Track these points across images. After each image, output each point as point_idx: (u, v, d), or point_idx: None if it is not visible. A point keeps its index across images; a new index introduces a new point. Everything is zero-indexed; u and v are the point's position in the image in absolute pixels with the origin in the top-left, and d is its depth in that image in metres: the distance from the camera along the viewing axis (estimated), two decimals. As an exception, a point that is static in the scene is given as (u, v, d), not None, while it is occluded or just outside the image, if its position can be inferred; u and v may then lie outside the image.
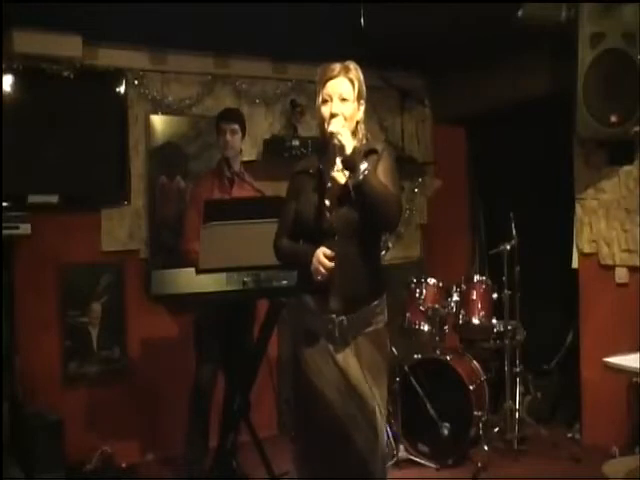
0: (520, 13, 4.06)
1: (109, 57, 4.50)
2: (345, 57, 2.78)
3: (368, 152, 2.74)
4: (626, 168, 4.45)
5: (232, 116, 4.19)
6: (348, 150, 2.60)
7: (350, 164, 2.62)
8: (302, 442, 2.82)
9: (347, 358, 2.68)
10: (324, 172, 2.74)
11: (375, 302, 2.73)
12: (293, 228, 2.80)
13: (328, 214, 2.68)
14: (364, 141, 2.77)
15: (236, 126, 4.11)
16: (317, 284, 2.64)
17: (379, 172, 2.69)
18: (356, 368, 2.67)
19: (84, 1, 3.80)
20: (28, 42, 4.08)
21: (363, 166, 2.59)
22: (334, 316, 2.67)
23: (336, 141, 2.61)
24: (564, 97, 4.27)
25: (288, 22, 4.29)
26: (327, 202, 2.68)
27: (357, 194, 2.61)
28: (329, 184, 2.71)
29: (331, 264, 2.59)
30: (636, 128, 4.10)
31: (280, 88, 5.15)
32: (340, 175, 2.69)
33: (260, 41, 4.60)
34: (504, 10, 3.99)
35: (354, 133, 2.72)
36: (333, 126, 2.64)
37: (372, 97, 5.30)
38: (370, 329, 2.72)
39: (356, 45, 4.20)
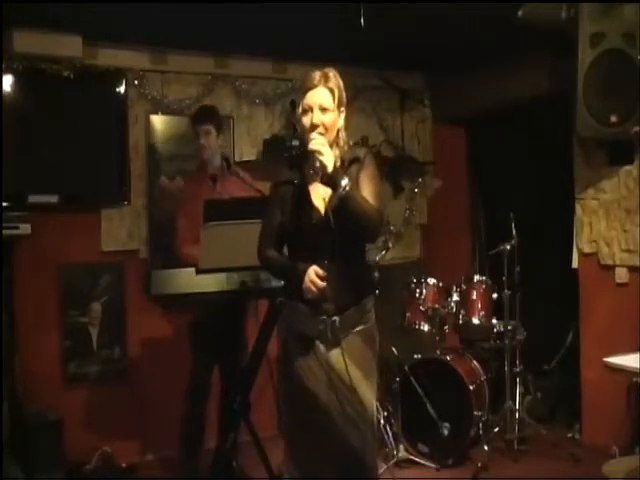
0: (520, 13, 4.05)
1: (109, 57, 4.51)
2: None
3: (351, 161, 2.75)
4: (626, 168, 4.44)
5: (204, 117, 4.08)
6: (329, 169, 2.60)
7: (332, 181, 2.62)
8: (296, 443, 2.83)
9: (338, 357, 2.70)
10: (307, 183, 2.74)
11: (364, 301, 2.77)
12: (278, 238, 2.81)
13: (314, 222, 2.69)
14: (345, 148, 2.77)
15: (209, 126, 4.02)
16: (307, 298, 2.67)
17: (361, 179, 2.71)
18: (347, 366, 2.68)
19: (84, 1, 3.80)
20: (28, 42, 4.08)
21: (344, 182, 2.59)
22: (326, 317, 2.70)
23: (317, 163, 2.61)
24: (564, 97, 4.27)
25: (288, 22, 4.28)
26: (313, 214, 2.70)
27: (337, 210, 2.61)
28: (313, 194, 2.72)
29: (323, 284, 2.62)
30: (636, 128, 4.09)
31: (280, 88, 5.16)
32: (320, 191, 2.69)
33: (260, 41, 4.60)
34: (504, 10, 3.99)
35: (335, 142, 2.73)
36: (314, 144, 2.62)
37: (372, 97, 5.42)
38: (360, 327, 2.75)
39: (356, 45, 4.20)
